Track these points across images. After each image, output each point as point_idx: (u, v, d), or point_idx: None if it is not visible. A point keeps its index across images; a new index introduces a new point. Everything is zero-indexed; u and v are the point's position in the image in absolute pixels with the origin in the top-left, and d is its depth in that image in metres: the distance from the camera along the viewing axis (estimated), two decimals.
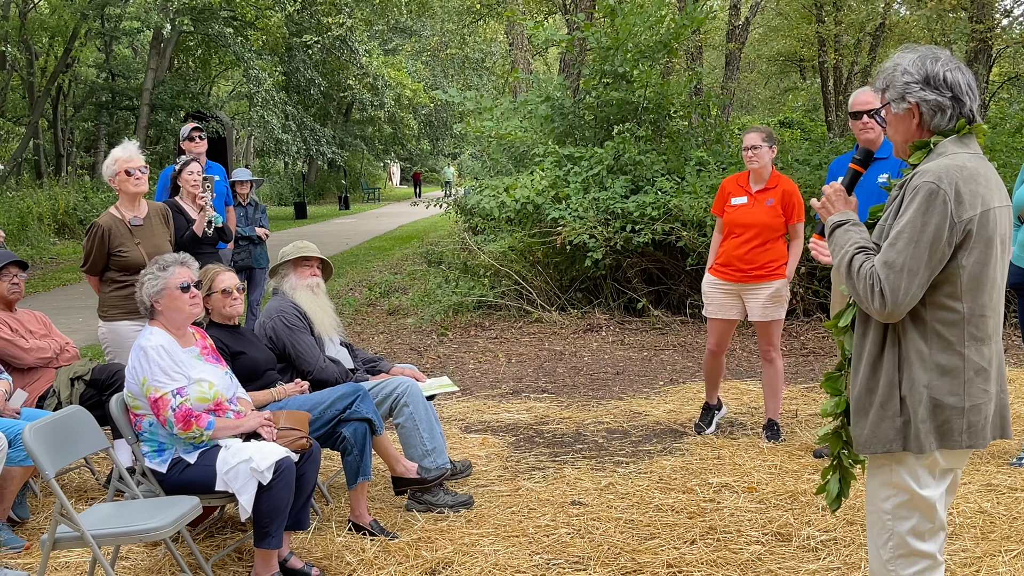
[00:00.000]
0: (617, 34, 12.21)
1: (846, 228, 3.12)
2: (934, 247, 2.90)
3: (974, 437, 3.01)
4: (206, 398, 4.64)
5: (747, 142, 6.87)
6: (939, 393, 2.99)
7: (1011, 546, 4.90)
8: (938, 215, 2.89)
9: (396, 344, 10.88)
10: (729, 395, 8.29)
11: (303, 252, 5.88)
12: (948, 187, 2.90)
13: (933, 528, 3.10)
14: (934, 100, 3.03)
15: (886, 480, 3.11)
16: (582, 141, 13.21)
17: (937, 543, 3.12)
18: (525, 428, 7.41)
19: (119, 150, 6.37)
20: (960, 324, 2.99)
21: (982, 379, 3.02)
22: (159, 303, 4.71)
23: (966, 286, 2.97)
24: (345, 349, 6.09)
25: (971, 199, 2.93)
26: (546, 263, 12.28)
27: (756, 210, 6.85)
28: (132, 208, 6.36)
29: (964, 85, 3.05)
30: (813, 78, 34.94)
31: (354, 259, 20.37)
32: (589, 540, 5.10)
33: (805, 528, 5.20)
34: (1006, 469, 6.14)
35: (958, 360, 2.99)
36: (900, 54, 3.14)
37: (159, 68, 29.07)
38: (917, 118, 3.08)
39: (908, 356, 3.01)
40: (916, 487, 3.06)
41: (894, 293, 2.91)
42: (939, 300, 2.98)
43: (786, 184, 6.90)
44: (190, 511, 4.35)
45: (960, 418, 2.99)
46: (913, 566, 3.11)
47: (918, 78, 3.03)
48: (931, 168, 2.96)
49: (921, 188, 2.92)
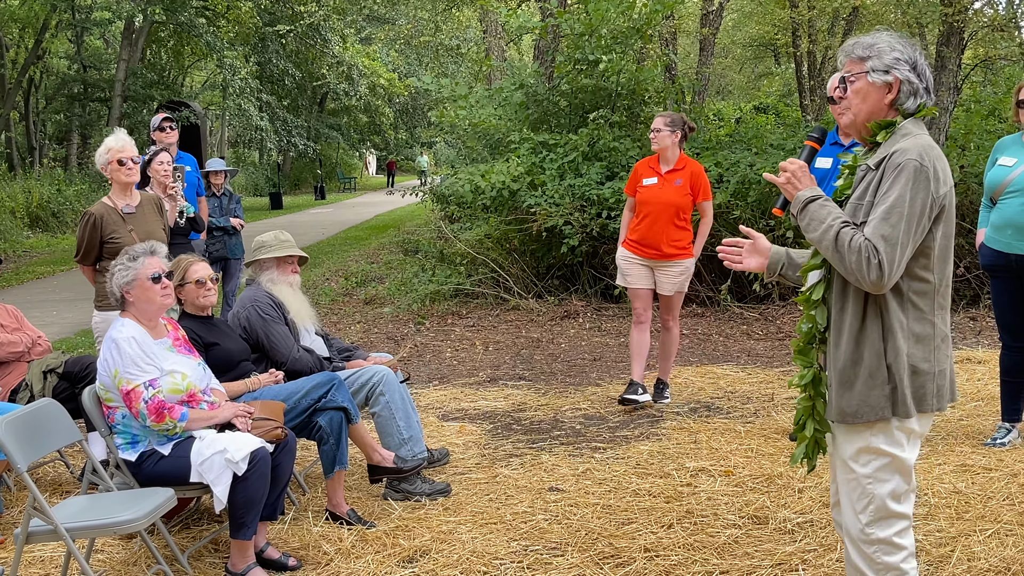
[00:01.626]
0: (590, 20, 12.18)
1: (821, 203, 3.18)
2: (920, 221, 3.04)
3: (941, 400, 3.20)
4: (179, 389, 4.61)
5: (653, 125, 7.50)
6: (915, 360, 3.14)
7: (986, 525, 4.93)
8: (923, 191, 3.03)
9: (373, 334, 10.85)
10: (705, 379, 8.31)
11: (287, 249, 5.85)
12: (929, 164, 3.05)
13: (908, 490, 3.22)
14: (915, 84, 3.19)
15: (864, 446, 3.20)
16: (557, 128, 13.19)
17: (911, 505, 3.24)
18: (502, 415, 7.40)
19: (112, 140, 6.36)
20: (931, 294, 3.16)
21: (946, 345, 3.20)
22: (130, 294, 4.67)
23: (937, 257, 3.13)
24: (320, 339, 6.06)
25: (944, 176, 3.10)
26: (522, 250, 12.27)
27: (665, 190, 7.39)
28: (124, 197, 6.36)
29: (932, 81, 3.25)
30: (787, 64, 35.00)
31: (330, 249, 20.30)
32: (566, 526, 5.11)
33: (781, 511, 5.22)
34: (981, 449, 6.18)
35: (929, 328, 3.16)
36: (882, 33, 3.24)
37: (131, 59, 28.82)
38: (893, 94, 3.19)
39: (891, 325, 3.12)
40: (895, 450, 3.17)
41: (890, 265, 3.01)
42: (915, 271, 3.12)
43: (693, 166, 7.49)
44: (164, 503, 4.32)
45: (932, 383, 3.16)
46: (891, 527, 3.20)
47: (907, 59, 3.18)
48: (910, 147, 3.09)
49: (907, 165, 3.05)
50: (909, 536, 3.23)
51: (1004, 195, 6.05)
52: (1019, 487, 5.47)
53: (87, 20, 28.71)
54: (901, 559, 3.20)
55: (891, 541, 3.20)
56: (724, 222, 11.14)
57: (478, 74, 17.40)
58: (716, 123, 19.80)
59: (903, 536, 3.21)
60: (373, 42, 40.46)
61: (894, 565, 3.20)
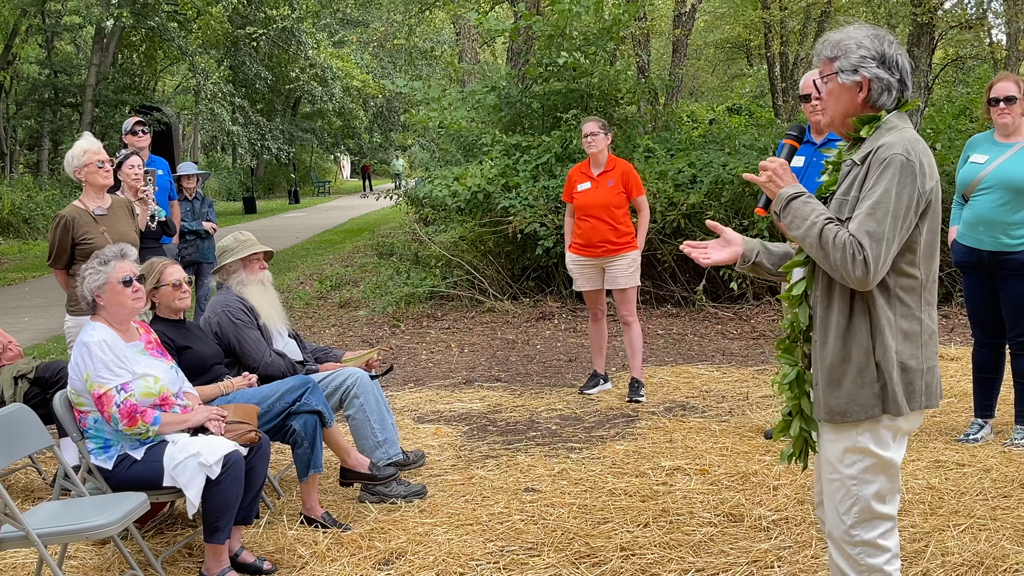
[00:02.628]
0: (558, 22, 12.16)
1: (804, 200, 3.13)
2: (907, 216, 2.98)
3: (931, 398, 3.13)
4: (151, 393, 4.58)
5: (586, 130, 7.75)
6: (904, 357, 3.09)
7: (959, 520, 4.96)
8: (909, 185, 2.97)
9: (348, 337, 10.82)
10: (680, 379, 8.33)
11: (250, 248, 5.81)
12: (915, 159, 2.99)
13: (893, 490, 3.17)
14: (886, 79, 3.09)
15: (850, 446, 3.15)
16: (530, 130, 13.19)
17: (896, 506, 3.19)
18: (478, 417, 7.39)
19: (86, 143, 6.36)
20: (918, 290, 3.10)
21: (933, 342, 3.15)
22: (101, 298, 4.63)
23: (923, 253, 3.08)
24: (293, 341, 6.03)
25: (930, 171, 3.04)
26: (497, 252, 12.26)
27: (600, 192, 7.71)
28: (97, 200, 6.33)
29: (908, 70, 3.14)
30: (760, 65, 35.16)
31: (304, 253, 20.24)
32: (542, 526, 5.10)
33: (756, 508, 5.23)
34: (954, 445, 6.21)
35: (916, 324, 3.10)
36: (849, 28, 3.17)
37: (102, 63, 28.67)
38: (864, 93, 3.12)
39: (879, 323, 3.07)
40: (881, 450, 3.12)
41: (876, 262, 2.95)
42: (901, 267, 3.06)
43: (623, 165, 7.81)
44: (137, 507, 4.29)
45: (920, 380, 3.10)
46: (876, 529, 3.16)
47: (874, 55, 3.09)
48: (896, 141, 3.02)
49: (893, 160, 2.98)
50: (893, 537, 3.19)
51: (976, 192, 6.09)
52: (992, 482, 5.50)
53: (57, 25, 28.57)
54: (885, 561, 3.16)
55: (875, 543, 3.15)
56: (698, 222, 11.17)
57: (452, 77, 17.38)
58: (690, 124, 19.88)
59: (887, 537, 3.17)
60: (347, 45, 40.39)
61: (878, 567, 3.16)
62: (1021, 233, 5.97)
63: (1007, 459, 5.89)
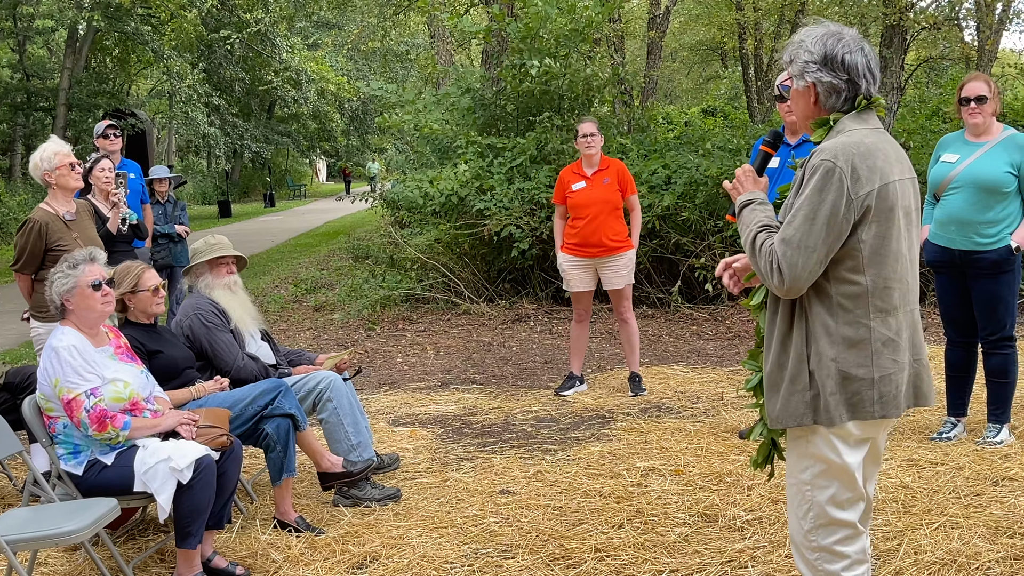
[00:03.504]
0: (530, 24, 12.14)
1: (752, 207, 3.16)
2: (831, 223, 2.94)
3: (886, 407, 3.04)
4: (121, 398, 4.54)
5: (585, 130, 7.79)
6: (847, 365, 3.01)
7: (932, 519, 4.97)
8: (834, 192, 2.93)
9: (323, 340, 10.78)
10: (655, 380, 8.33)
11: (217, 252, 5.77)
12: (844, 164, 2.94)
13: (852, 497, 3.13)
14: (829, 82, 3.08)
15: (803, 452, 3.14)
16: (505, 132, 13.18)
17: (857, 512, 3.15)
18: (453, 419, 7.37)
19: (56, 145, 6.27)
20: (864, 297, 3.02)
21: (890, 350, 3.05)
22: (70, 302, 4.59)
23: (868, 260, 3.00)
24: (266, 344, 6.00)
25: (868, 174, 2.96)
26: (473, 255, 12.24)
27: (596, 190, 7.74)
28: (66, 203, 6.26)
29: (862, 67, 3.08)
30: (734, 67, 35.27)
31: (280, 256, 20.17)
32: (517, 528, 5.09)
33: (731, 508, 5.24)
34: (927, 444, 6.24)
35: (864, 332, 3.02)
36: (808, 28, 3.17)
37: (75, 67, 28.49)
38: (814, 97, 3.13)
39: (815, 330, 3.04)
40: (832, 456, 3.07)
41: (791, 268, 2.94)
42: (842, 274, 3.01)
43: (616, 164, 7.92)
44: (108, 513, 4.25)
45: (870, 389, 3.02)
46: (833, 535, 3.13)
47: (817, 58, 3.07)
48: (828, 146, 3.01)
49: (819, 167, 2.97)
50: (854, 544, 3.15)
51: (947, 191, 6.12)
52: (964, 481, 5.53)
53: (29, 28, 28.34)
54: (842, 567, 3.14)
55: (832, 549, 3.13)
56: (673, 223, 11.19)
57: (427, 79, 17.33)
58: (665, 126, 19.91)
59: (846, 544, 3.14)
60: (321, 47, 40.27)
61: (835, 573, 3.14)
62: (992, 232, 6.01)
63: (979, 457, 5.92)
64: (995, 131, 6.13)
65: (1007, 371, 6.22)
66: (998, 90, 6.20)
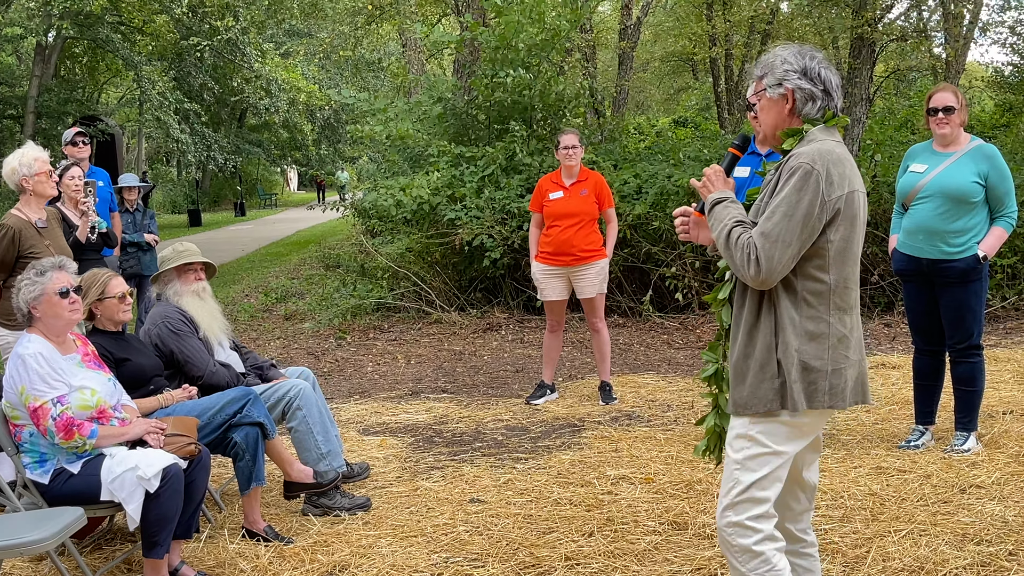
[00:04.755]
0: (503, 34, 12.15)
1: (725, 204, 3.34)
2: (806, 221, 3.14)
3: (835, 399, 3.26)
4: (88, 406, 4.50)
5: (567, 142, 7.85)
6: (807, 356, 3.23)
7: (900, 526, 5.00)
8: (811, 192, 3.14)
9: (293, 349, 10.73)
10: (626, 388, 8.34)
11: (185, 258, 5.74)
12: (821, 168, 3.16)
13: (775, 478, 3.30)
14: (808, 89, 3.30)
15: (742, 432, 3.33)
16: (476, 141, 13.17)
17: (774, 492, 3.31)
18: (424, 428, 7.36)
19: (36, 151, 6.23)
20: (827, 294, 3.24)
21: (843, 345, 3.27)
22: (37, 309, 4.55)
23: (833, 259, 3.22)
24: (235, 353, 5.96)
25: (839, 180, 3.19)
26: (444, 264, 12.22)
27: (573, 201, 7.80)
28: (38, 210, 6.20)
29: (834, 83, 3.35)
30: (705, 78, 35.44)
31: (250, 265, 20.07)
32: (487, 537, 5.08)
33: (700, 516, 5.25)
34: (895, 452, 6.27)
35: (824, 327, 3.24)
36: (780, 48, 3.41)
37: (44, 75, 28.26)
38: (790, 104, 3.33)
39: (782, 322, 3.23)
40: (772, 443, 3.28)
41: (768, 261, 3.14)
42: (809, 271, 3.22)
43: (595, 176, 7.98)
44: (74, 522, 4.20)
45: (824, 380, 3.24)
46: (747, 512, 3.29)
47: (797, 68, 3.31)
48: (806, 151, 3.21)
49: (798, 168, 3.18)
50: (767, 522, 3.30)
51: (915, 200, 6.16)
52: (932, 488, 5.56)
53: None
54: (753, 541, 3.28)
55: (743, 524, 3.28)
56: (644, 233, 11.23)
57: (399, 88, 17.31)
58: (637, 136, 19.99)
59: (759, 521, 3.29)
60: (292, 56, 40.12)
61: (747, 547, 3.28)
62: (960, 241, 6.06)
63: (947, 465, 5.96)
64: (963, 141, 6.18)
65: (974, 379, 6.27)
66: (965, 101, 6.26)
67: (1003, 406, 7.22)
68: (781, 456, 3.29)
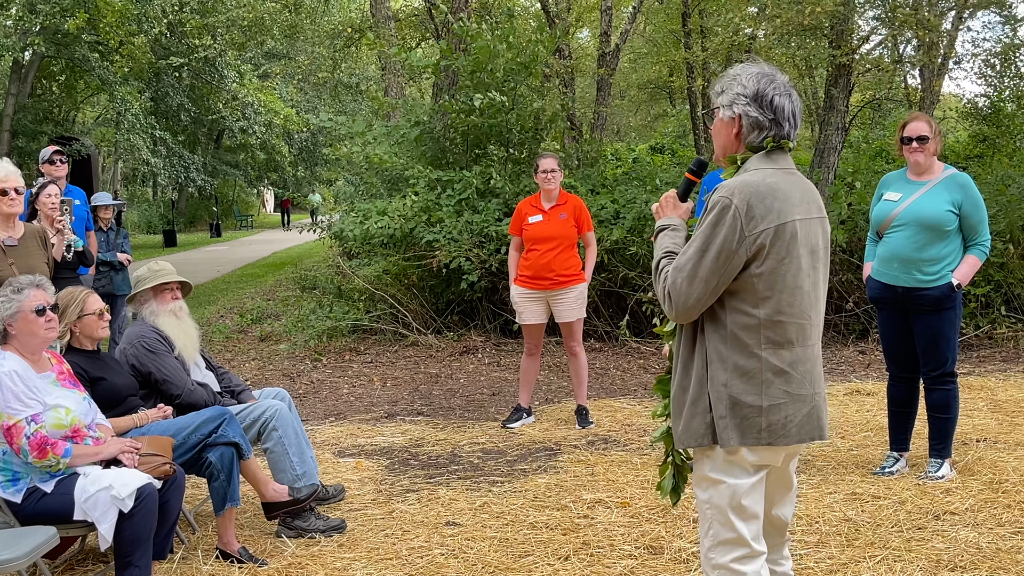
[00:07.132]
0: (478, 60, 12.18)
1: (666, 232, 3.33)
2: (722, 257, 3.08)
3: (774, 435, 3.15)
4: (62, 424, 4.47)
5: (545, 166, 7.88)
6: (736, 391, 3.14)
7: (875, 551, 5.02)
8: (727, 228, 3.08)
9: (268, 370, 10.69)
10: (603, 413, 8.35)
11: (161, 278, 5.72)
12: (740, 203, 3.08)
13: (748, 517, 3.22)
14: (755, 117, 3.21)
15: (700, 473, 3.27)
16: (453, 164, 13.18)
17: (751, 528, 3.23)
18: (400, 451, 7.33)
19: (2, 170, 6.13)
20: (757, 329, 3.14)
21: (782, 381, 3.16)
22: (12, 327, 4.53)
23: (762, 294, 3.13)
24: (211, 373, 5.94)
25: (764, 213, 3.09)
26: (421, 286, 12.20)
27: (552, 224, 7.84)
28: (5, 229, 6.14)
29: (788, 111, 3.22)
30: (682, 104, 35.65)
31: (225, 287, 20.00)
32: (463, 560, 5.07)
33: (676, 540, 5.25)
34: (870, 478, 6.29)
35: (755, 362, 3.15)
36: (744, 65, 3.30)
37: (20, 94, 28.14)
38: (737, 128, 3.25)
39: (711, 356, 3.17)
40: (728, 479, 3.20)
41: (679, 295, 3.11)
42: (736, 305, 3.15)
43: (574, 200, 8.02)
44: (46, 542, 4.17)
45: (759, 416, 3.14)
46: (729, 554, 3.23)
47: (748, 93, 3.20)
48: (729, 184, 3.15)
49: (716, 203, 3.12)
50: (753, 564, 3.23)
51: (890, 229, 6.21)
52: (907, 514, 5.59)
53: None
54: None
55: (729, 567, 3.22)
56: (621, 258, 11.26)
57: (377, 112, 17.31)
58: (614, 162, 20.06)
59: (743, 563, 3.22)
60: (271, 77, 40.10)
61: None
62: (934, 269, 6.10)
63: (921, 492, 5.99)
64: (937, 170, 6.24)
65: (948, 407, 6.31)
66: (939, 130, 6.32)
67: (976, 434, 7.27)
68: (737, 489, 3.18)
